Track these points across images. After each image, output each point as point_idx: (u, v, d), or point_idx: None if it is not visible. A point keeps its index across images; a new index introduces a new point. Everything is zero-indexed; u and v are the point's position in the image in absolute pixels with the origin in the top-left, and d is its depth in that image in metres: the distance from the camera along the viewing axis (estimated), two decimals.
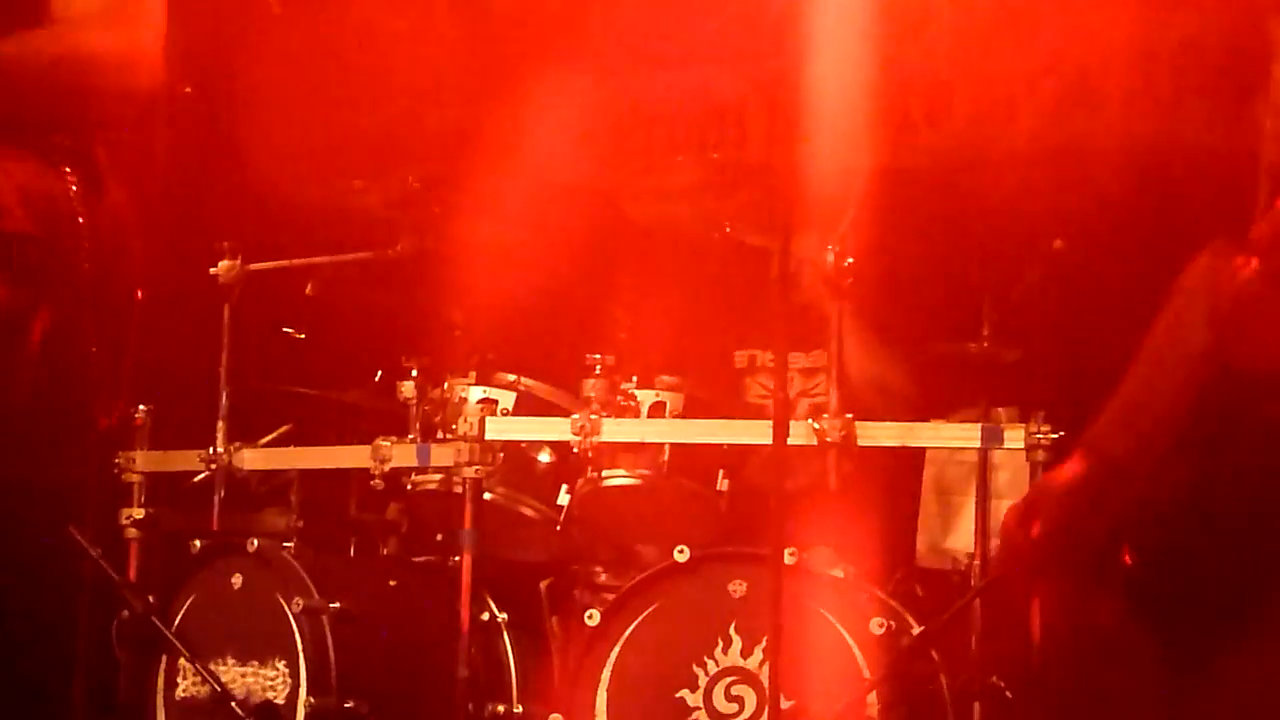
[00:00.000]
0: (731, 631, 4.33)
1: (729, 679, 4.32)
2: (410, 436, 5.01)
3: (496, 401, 4.90)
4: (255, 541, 4.89)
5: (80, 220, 2.99)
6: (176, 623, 4.96)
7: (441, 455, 4.85)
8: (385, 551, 5.46)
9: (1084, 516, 2.29)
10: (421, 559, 5.32)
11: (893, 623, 4.24)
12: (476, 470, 4.71)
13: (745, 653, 4.32)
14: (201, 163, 6.05)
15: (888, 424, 4.51)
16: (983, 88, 5.91)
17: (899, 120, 5.92)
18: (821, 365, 4.75)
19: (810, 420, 4.41)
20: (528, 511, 4.98)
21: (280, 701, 4.71)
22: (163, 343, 5.72)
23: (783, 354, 3.87)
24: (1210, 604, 2.15)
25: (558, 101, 6.29)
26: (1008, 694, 4.31)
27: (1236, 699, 2.13)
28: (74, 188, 3.00)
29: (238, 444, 5.19)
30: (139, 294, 3.21)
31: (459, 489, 4.76)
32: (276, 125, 6.17)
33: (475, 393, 4.96)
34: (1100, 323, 4.66)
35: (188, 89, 6.08)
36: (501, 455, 4.79)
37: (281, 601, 4.75)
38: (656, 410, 4.75)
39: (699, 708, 4.33)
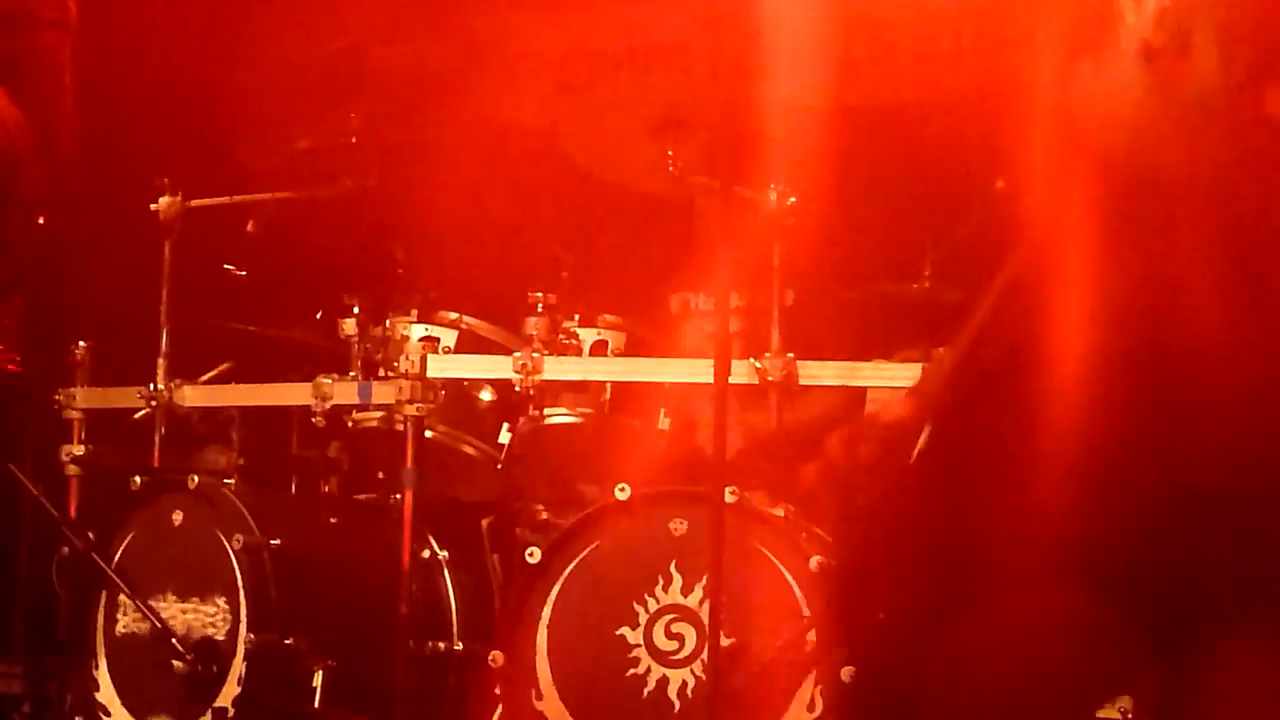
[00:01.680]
0: (672, 569, 4.34)
1: (669, 617, 4.33)
2: (352, 374, 5.00)
3: (438, 339, 4.89)
4: (196, 478, 4.86)
5: None
6: (116, 559, 4.93)
7: (383, 393, 4.85)
8: (326, 489, 5.44)
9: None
10: (363, 497, 5.31)
11: (832, 561, 4.26)
12: (418, 408, 4.71)
13: (685, 590, 4.33)
14: (142, 98, 5.99)
15: (829, 363, 4.52)
16: (926, 27, 5.91)
17: (842, 60, 5.90)
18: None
19: (751, 359, 4.41)
20: (469, 450, 4.98)
21: (220, 638, 4.70)
22: (103, 279, 5.72)
23: (725, 293, 3.87)
24: (1202, 602, 2.13)
25: (502, 39, 6.26)
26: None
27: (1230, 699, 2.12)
28: None
29: (178, 381, 5.17)
30: (40, 220, 3.09)
31: (400, 427, 4.76)
32: (218, 60, 6.12)
33: (417, 330, 4.95)
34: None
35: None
36: (443, 393, 4.78)
37: (222, 538, 4.73)
38: (598, 349, 4.75)
39: (639, 645, 4.34)
